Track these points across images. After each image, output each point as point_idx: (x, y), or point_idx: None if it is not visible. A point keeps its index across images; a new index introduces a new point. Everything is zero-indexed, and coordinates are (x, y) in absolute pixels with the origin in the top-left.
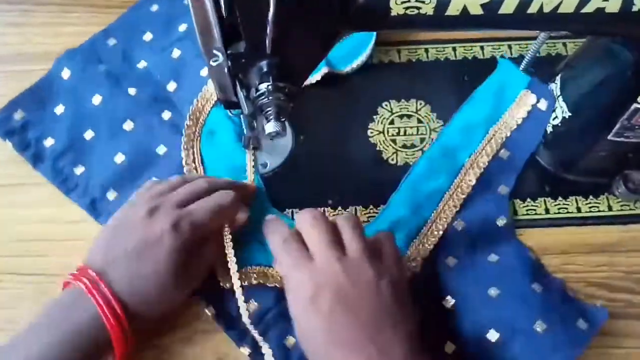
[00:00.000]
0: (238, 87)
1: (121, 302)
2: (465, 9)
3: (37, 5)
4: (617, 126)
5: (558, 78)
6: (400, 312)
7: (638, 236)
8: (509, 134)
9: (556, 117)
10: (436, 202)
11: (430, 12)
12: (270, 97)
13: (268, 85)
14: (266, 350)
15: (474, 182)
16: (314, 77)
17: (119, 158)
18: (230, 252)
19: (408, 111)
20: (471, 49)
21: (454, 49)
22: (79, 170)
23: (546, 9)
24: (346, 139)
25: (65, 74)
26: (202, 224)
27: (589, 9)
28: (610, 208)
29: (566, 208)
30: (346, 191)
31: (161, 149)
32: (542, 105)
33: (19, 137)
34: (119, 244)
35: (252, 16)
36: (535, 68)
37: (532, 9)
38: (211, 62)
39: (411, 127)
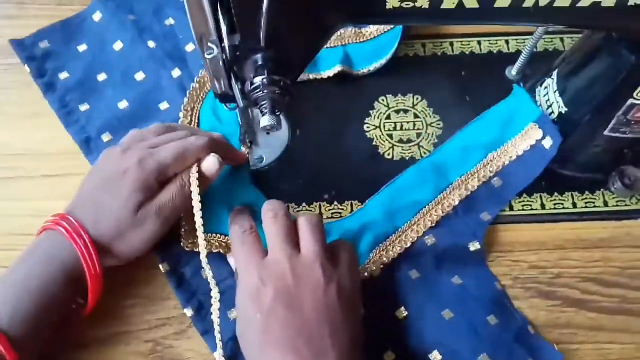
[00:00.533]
0: (233, 80)
1: (92, 240)
2: (460, 2)
3: None
4: (613, 121)
5: (555, 73)
6: (345, 320)
7: (633, 232)
8: (506, 163)
9: (552, 112)
10: (412, 214)
11: (426, 5)
12: (265, 91)
13: (263, 79)
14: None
15: (456, 202)
16: (326, 73)
17: (123, 104)
18: (195, 188)
19: (405, 106)
20: (468, 44)
21: (451, 44)
22: (84, 107)
23: (542, 3)
24: (342, 134)
25: (97, 16)
26: (164, 163)
27: (584, 2)
28: (606, 204)
29: (562, 203)
30: (342, 186)
31: (163, 105)
32: (547, 142)
33: (37, 64)
34: (91, 179)
35: (247, 8)
36: (532, 63)
37: (528, 2)
38: (206, 55)
39: (408, 122)
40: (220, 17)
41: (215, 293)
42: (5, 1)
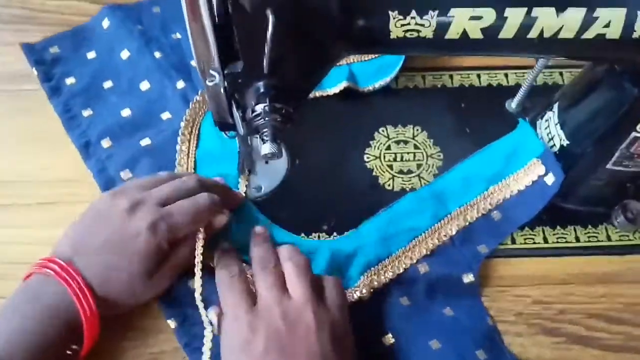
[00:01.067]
0: (234, 108)
1: (90, 289)
2: (465, 32)
3: (33, 25)
4: (616, 155)
5: (556, 106)
6: None
7: (637, 267)
8: (507, 197)
9: (554, 145)
10: (408, 240)
11: (430, 35)
12: (266, 118)
13: (265, 106)
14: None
15: (454, 232)
16: (332, 90)
17: (126, 112)
18: (198, 255)
19: (405, 137)
20: (468, 77)
21: (451, 77)
22: (87, 112)
23: (546, 34)
24: (342, 164)
25: (105, 23)
26: (179, 228)
27: (589, 34)
28: (609, 238)
29: (565, 237)
30: (342, 216)
31: (165, 115)
32: (549, 179)
33: (45, 68)
34: (94, 233)
35: (250, 37)
36: (531, 96)
37: (533, 34)
38: (207, 82)
39: (408, 153)
40: (223, 44)
41: (208, 333)
42: (5, 28)
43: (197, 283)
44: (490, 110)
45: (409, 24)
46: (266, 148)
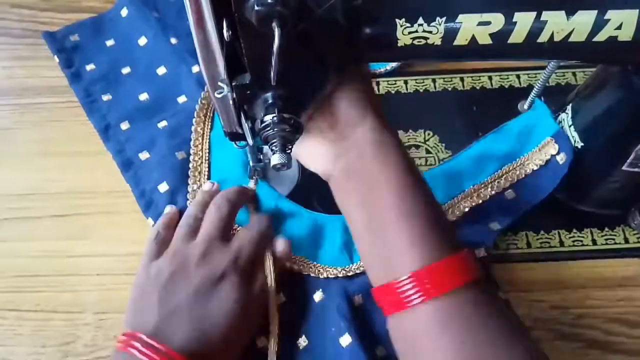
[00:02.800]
0: (243, 119)
1: (184, 356)
2: (473, 38)
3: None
4: (632, 156)
5: (569, 107)
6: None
7: None
8: (521, 176)
9: None
10: None
11: (438, 42)
12: (275, 129)
13: (273, 117)
14: None
15: (467, 209)
16: None
17: (143, 96)
18: (270, 279)
19: (416, 141)
20: (479, 79)
21: (462, 79)
22: (106, 97)
23: (557, 38)
24: None
25: (124, 12)
26: (254, 257)
27: (600, 37)
28: (626, 240)
29: (581, 240)
30: None
31: (181, 98)
32: (561, 158)
33: (66, 55)
34: (175, 294)
35: (256, 49)
36: (544, 97)
37: (542, 38)
38: (216, 94)
39: (420, 158)
40: (231, 56)
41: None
42: (16, 42)
43: (272, 314)
44: (502, 113)
45: (416, 31)
46: (276, 158)
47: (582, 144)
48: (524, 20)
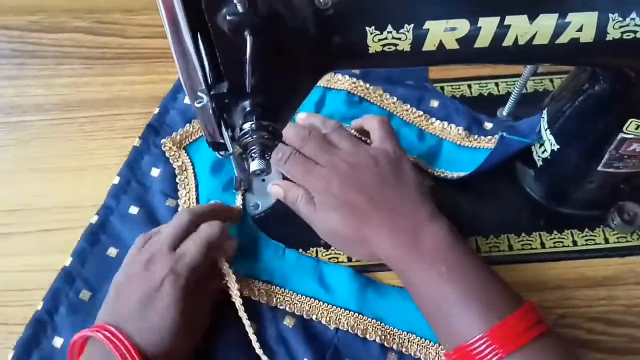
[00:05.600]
0: (223, 128)
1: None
2: (441, 44)
3: (32, 58)
4: (606, 157)
5: (545, 112)
6: (401, 178)
7: (637, 268)
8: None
9: (545, 150)
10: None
11: (407, 48)
12: (254, 136)
13: (252, 124)
14: None
15: None
16: None
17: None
18: (232, 284)
19: None
20: (459, 88)
21: (442, 88)
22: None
23: (521, 42)
24: None
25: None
26: (197, 263)
27: (563, 39)
28: (607, 240)
29: (562, 242)
30: None
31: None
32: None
33: None
34: (124, 302)
35: (231, 57)
36: (523, 104)
37: (507, 42)
38: (195, 104)
39: None
40: (207, 66)
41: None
42: (5, 62)
43: (240, 311)
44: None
45: (386, 38)
46: (255, 165)
47: (558, 147)
48: (488, 25)
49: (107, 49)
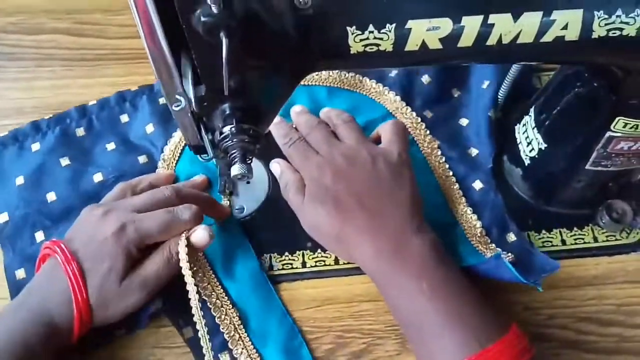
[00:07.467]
0: (203, 131)
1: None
2: (424, 43)
3: (10, 60)
4: (594, 155)
5: (532, 110)
6: (396, 183)
7: (626, 267)
8: None
9: (532, 149)
10: None
11: (390, 48)
12: (234, 140)
13: (232, 128)
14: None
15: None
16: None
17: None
18: (189, 280)
19: None
20: None
21: None
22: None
23: (505, 40)
24: None
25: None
26: (148, 234)
27: (548, 38)
28: (595, 239)
29: (550, 241)
30: None
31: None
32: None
33: None
34: (78, 238)
35: (207, 59)
36: (511, 102)
37: (491, 41)
38: (174, 107)
39: None
40: (184, 69)
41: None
42: None
43: (191, 292)
44: None
45: (367, 38)
46: (236, 169)
47: (546, 145)
48: (471, 23)
49: (87, 50)
